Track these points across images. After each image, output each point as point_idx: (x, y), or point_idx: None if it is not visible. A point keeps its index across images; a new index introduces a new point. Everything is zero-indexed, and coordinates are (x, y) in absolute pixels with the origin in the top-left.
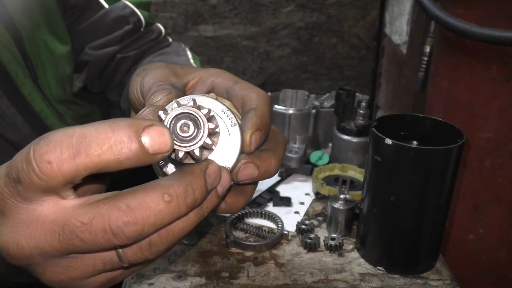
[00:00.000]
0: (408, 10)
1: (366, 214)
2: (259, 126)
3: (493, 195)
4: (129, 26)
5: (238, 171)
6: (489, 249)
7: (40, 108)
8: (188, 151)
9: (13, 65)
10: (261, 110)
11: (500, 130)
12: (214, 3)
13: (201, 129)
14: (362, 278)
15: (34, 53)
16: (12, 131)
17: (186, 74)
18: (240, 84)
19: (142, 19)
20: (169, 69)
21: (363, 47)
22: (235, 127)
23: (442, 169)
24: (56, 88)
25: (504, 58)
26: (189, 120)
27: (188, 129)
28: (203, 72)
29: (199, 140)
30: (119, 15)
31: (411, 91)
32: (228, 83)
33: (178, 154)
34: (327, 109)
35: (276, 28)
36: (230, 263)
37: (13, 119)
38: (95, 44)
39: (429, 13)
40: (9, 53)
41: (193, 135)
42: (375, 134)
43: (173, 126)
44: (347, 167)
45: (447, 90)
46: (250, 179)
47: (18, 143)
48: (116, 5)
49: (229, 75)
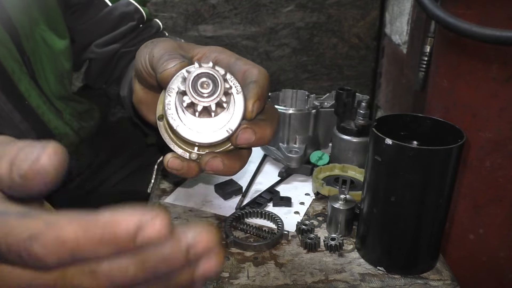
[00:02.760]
0: (408, 10)
1: (366, 214)
2: (259, 96)
3: (493, 195)
4: (133, 22)
5: (238, 135)
6: (489, 249)
7: (37, 104)
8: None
9: (9, 61)
10: (262, 82)
11: (500, 130)
12: (214, 3)
13: (218, 87)
14: (362, 278)
15: (32, 49)
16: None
17: (191, 49)
18: (242, 60)
19: (144, 16)
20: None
21: (363, 47)
22: (239, 94)
23: (442, 169)
24: (55, 84)
25: (504, 58)
26: (209, 79)
27: (208, 86)
28: (206, 49)
29: (217, 97)
30: (124, 11)
31: (411, 91)
32: (230, 59)
33: (197, 108)
34: (327, 109)
35: (276, 28)
36: (230, 263)
37: (10, 115)
38: (100, 41)
39: (429, 13)
40: (5, 50)
41: (211, 92)
42: (375, 134)
43: (195, 83)
44: (347, 167)
45: (447, 90)
46: (247, 143)
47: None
48: (120, 3)
49: (231, 53)
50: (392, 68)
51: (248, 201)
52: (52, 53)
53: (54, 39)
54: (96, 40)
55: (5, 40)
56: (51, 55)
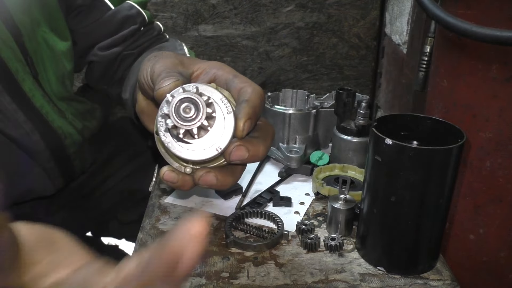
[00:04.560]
0: (408, 10)
1: (366, 214)
2: (250, 116)
3: (493, 195)
4: (135, 26)
5: (231, 152)
6: (490, 249)
7: (41, 104)
8: (188, 129)
9: (13, 61)
10: (253, 102)
11: (500, 130)
12: (214, 3)
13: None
14: (362, 278)
15: (34, 50)
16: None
17: (192, 65)
18: (239, 78)
19: (146, 19)
20: (177, 59)
21: (363, 47)
22: (230, 114)
23: (442, 169)
24: (56, 85)
25: (504, 58)
26: (191, 104)
27: (190, 111)
28: (206, 64)
29: (198, 121)
30: (127, 15)
31: (411, 91)
32: (228, 76)
33: (180, 131)
34: (327, 109)
35: (276, 28)
36: (230, 263)
37: (14, 115)
38: (103, 44)
39: (429, 13)
40: (9, 50)
41: (193, 116)
42: (375, 134)
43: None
44: (347, 167)
45: (447, 90)
46: (240, 160)
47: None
48: (123, 6)
49: (229, 69)
50: (392, 68)
51: (248, 201)
52: (53, 54)
53: (56, 40)
54: (98, 42)
55: (8, 40)
56: (52, 56)
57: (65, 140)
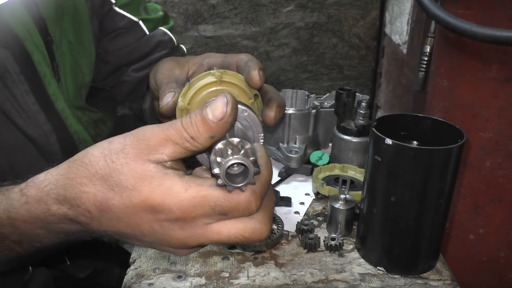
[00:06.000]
0: (408, 10)
1: (366, 214)
2: (260, 66)
3: (493, 195)
4: (166, 51)
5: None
6: (489, 249)
7: (62, 108)
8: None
9: (42, 65)
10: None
11: (500, 130)
12: (214, 3)
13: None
14: (362, 278)
15: (60, 58)
16: (33, 127)
17: (187, 62)
18: (228, 56)
19: (175, 44)
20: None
21: (363, 47)
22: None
23: (442, 169)
24: (74, 94)
25: (504, 58)
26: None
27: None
28: (198, 58)
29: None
30: (160, 40)
31: (411, 91)
32: (219, 59)
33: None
34: (327, 109)
35: (276, 28)
36: (230, 263)
37: (36, 115)
38: (137, 66)
39: (429, 13)
40: (40, 54)
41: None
42: (375, 134)
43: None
44: (347, 167)
45: (447, 90)
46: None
47: (38, 139)
48: (157, 32)
49: (218, 54)
50: (392, 68)
51: None
52: (76, 65)
53: (80, 52)
54: (132, 63)
55: (40, 45)
56: (74, 67)
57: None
